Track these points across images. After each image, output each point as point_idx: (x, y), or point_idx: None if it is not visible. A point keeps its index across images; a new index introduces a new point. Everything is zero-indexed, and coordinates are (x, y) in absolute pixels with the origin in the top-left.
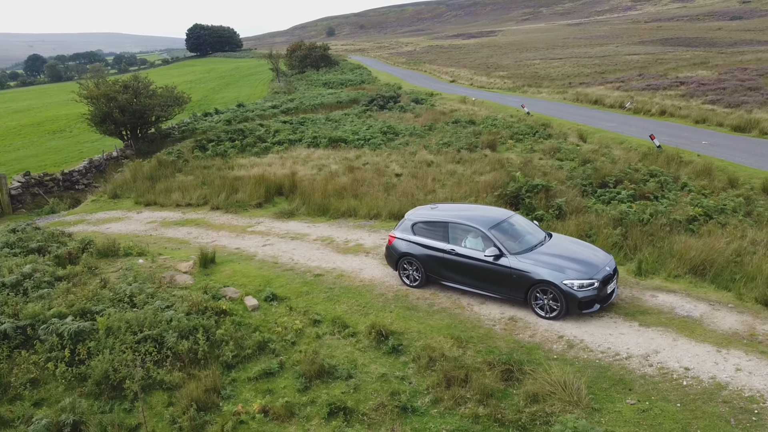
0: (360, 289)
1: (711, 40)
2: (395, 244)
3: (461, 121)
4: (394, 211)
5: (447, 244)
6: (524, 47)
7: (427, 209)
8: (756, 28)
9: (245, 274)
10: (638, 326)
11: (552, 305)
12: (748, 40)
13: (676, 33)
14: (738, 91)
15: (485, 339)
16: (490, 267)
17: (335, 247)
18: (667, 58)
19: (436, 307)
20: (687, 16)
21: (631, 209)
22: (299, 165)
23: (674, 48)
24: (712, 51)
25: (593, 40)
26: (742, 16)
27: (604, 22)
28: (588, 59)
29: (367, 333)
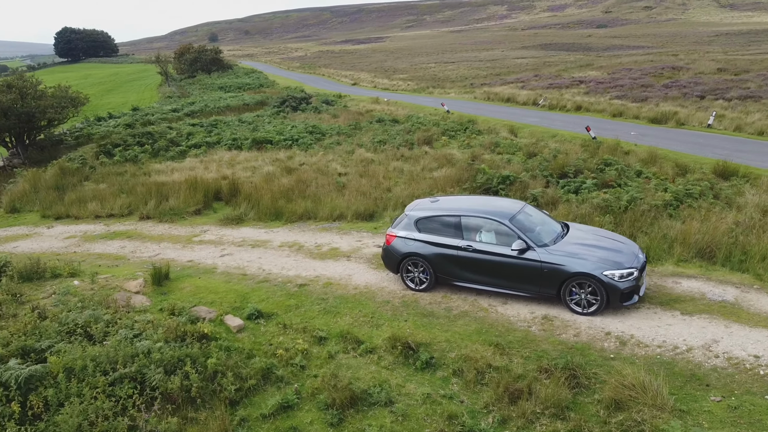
0: (358, 297)
1: (586, 45)
2: (396, 244)
3: (385, 120)
4: (360, 211)
5: (461, 240)
6: (415, 52)
7: (427, 203)
8: (620, 35)
9: (212, 290)
10: (681, 315)
11: (590, 299)
12: (618, 45)
13: (552, 39)
14: (634, 88)
15: (526, 343)
16: (517, 262)
17: (308, 253)
18: (553, 61)
19: (455, 311)
20: (559, 24)
21: (611, 197)
22: (226, 168)
23: (556, 52)
24: (590, 54)
25: (479, 46)
26: (606, 25)
27: (484, 29)
28: (480, 62)
29: (389, 347)
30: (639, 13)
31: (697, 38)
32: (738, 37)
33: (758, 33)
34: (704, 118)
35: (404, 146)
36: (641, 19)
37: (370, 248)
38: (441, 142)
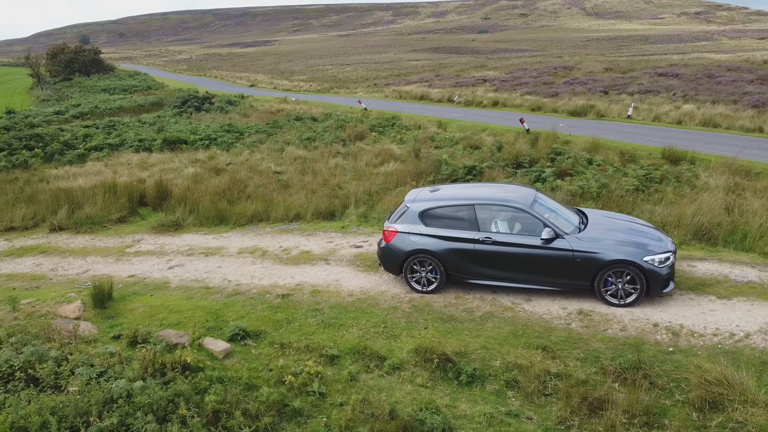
0: (358, 305)
1: (473, 49)
2: (397, 241)
3: (304, 118)
4: (319, 210)
5: (477, 232)
6: (307, 55)
7: (427, 193)
8: (502, 39)
9: (173, 309)
10: (718, 299)
11: (628, 289)
12: (502, 48)
13: (440, 43)
14: (538, 85)
15: (573, 343)
16: (545, 253)
17: (276, 259)
18: (447, 63)
19: (477, 313)
20: (443, 29)
21: (586, 183)
22: (139, 171)
23: (447, 55)
24: (480, 57)
25: (370, 49)
26: (487, 30)
27: (372, 33)
28: (376, 64)
29: (419, 361)
30: (516, 19)
31: (573, 42)
32: (608, 42)
33: (624, 38)
34: (620, 110)
35: (337, 143)
36: (518, 25)
37: (346, 249)
38: (372, 138)
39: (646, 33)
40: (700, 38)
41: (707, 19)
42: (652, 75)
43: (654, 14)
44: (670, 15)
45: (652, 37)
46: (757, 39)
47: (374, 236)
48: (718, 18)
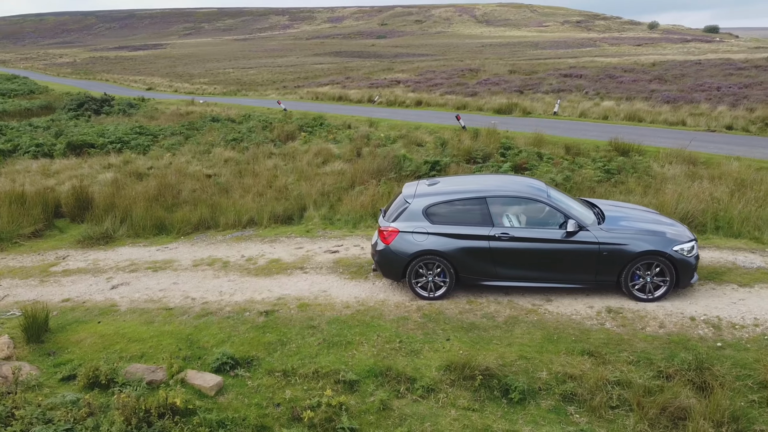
0: (359, 318)
1: (375, 53)
2: (399, 242)
3: (221, 120)
4: (277, 213)
5: (491, 227)
6: (204, 58)
7: (424, 186)
8: (401, 44)
9: (132, 337)
10: (739, 287)
11: (657, 282)
12: (404, 53)
13: (341, 48)
14: (452, 85)
15: (616, 345)
16: (569, 248)
17: (242, 270)
18: (353, 66)
19: (499, 318)
20: (341, 34)
21: (554, 175)
22: (43, 179)
23: (350, 59)
24: (385, 60)
25: (270, 53)
26: (385, 36)
27: (270, 38)
28: (279, 68)
29: (455, 379)
30: (412, 26)
31: (469, 48)
32: (502, 47)
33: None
34: (544, 107)
35: (267, 143)
36: (415, 32)
37: (321, 255)
38: (302, 138)
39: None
40: (585, 44)
41: (587, 28)
42: (557, 76)
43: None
44: (555, 23)
45: (541, 43)
46: (634, 45)
47: (347, 239)
48: (597, 27)
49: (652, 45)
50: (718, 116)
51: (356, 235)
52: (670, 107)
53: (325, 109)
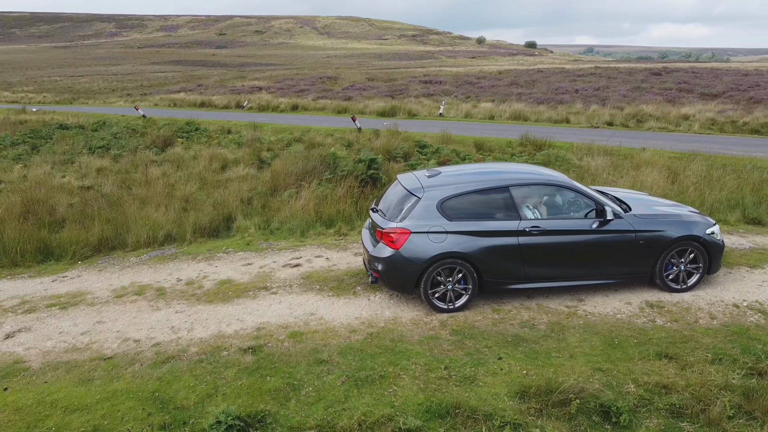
0: (377, 343)
1: (220, 62)
2: (412, 245)
3: (71, 127)
4: (202, 226)
5: (518, 221)
6: (21, 66)
7: (425, 177)
8: (244, 54)
9: (70, 405)
10: (752, 269)
11: (690, 269)
12: (250, 62)
13: (179, 57)
14: (319, 91)
15: (682, 342)
16: (605, 239)
17: (189, 297)
18: (199, 74)
19: (540, 326)
20: (177, 44)
21: None
22: None
23: (194, 67)
24: (233, 69)
25: (100, 61)
26: (226, 45)
27: (96, 45)
28: (115, 76)
29: (540, 408)
30: (252, 36)
31: (316, 58)
32: (348, 59)
33: (359, 55)
34: (426, 110)
35: (143, 150)
36: (256, 42)
37: (282, 271)
38: (180, 143)
39: (377, 51)
40: (425, 56)
41: (423, 41)
42: (417, 82)
43: (378, 35)
44: (392, 37)
45: (384, 54)
46: (469, 58)
47: (303, 251)
48: (431, 40)
49: (484, 57)
50: (594, 114)
51: (310, 245)
52: (546, 107)
53: (191, 115)
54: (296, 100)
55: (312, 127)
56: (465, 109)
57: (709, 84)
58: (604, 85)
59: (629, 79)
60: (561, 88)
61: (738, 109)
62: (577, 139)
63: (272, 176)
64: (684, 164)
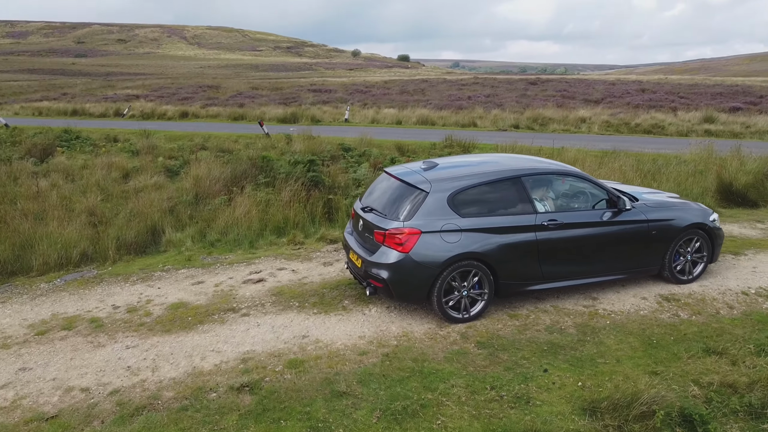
0: (399, 365)
1: (82, 71)
2: (424, 246)
3: None
4: (128, 242)
5: (534, 214)
6: None
7: (424, 170)
8: (108, 64)
9: None
10: (736, 257)
11: (695, 258)
12: (116, 72)
13: (33, 65)
14: (204, 99)
15: (716, 336)
16: (620, 230)
17: (136, 327)
18: (60, 83)
19: (569, 330)
20: (28, 51)
21: None
22: None
23: (53, 76)
24: (98, 79)
25: None
26: (86, 54)
27: None
28: None
29: (619, 425)
30: (115, 45)
31: (188, 68)
32: (224, 69)
33: (236, 66)
34: (329, 116)
35: (20, 160)
36: (120, 51)
37: (245, 288)
38: (60, 152)
39: (253, 62)
40: (303, 68)
41: (299, 53)
42: (306, 91)
43: (252, 47)
44: (267, 48)
45: (261, 65)
46: (348, 69)
47: (260, 262)
48: (307, 52)
49: (362, 69)
50: (497, 118)
51: (266, 257)
52: (449, 112)
53: (64, 124)
54: (184, 108)
55: (212, 133)
56: (370, 115)
57: (585, 92)
58: (493, 93)
59: (511, 88)
60: (454, 95)
61: (625, 112)
62: (493, 141)
63: (195, 183)
64: (611, 161)
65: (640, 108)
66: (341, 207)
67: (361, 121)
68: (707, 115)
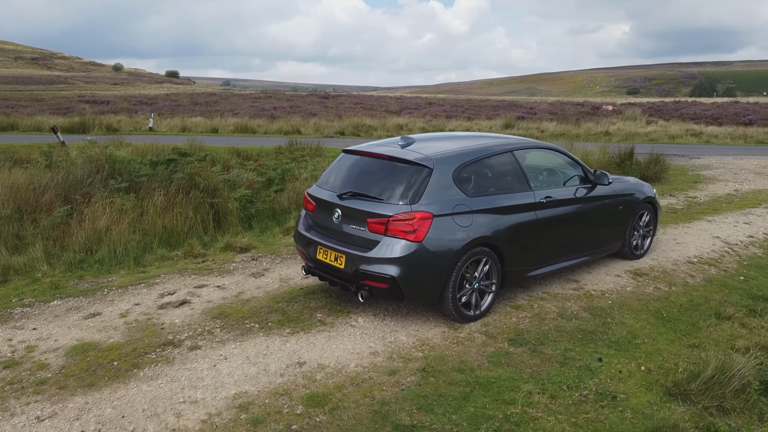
0: (449, 381)
1: None
2: (437, 233)
3: None
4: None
5: (531, 191)
6: None
7: (397, 146)
8: None
9: None
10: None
11: (645, 233)
12: None
13: None
14: None
15: (706, 304)
16: (598, 206)
17: (41, 388)
18: None
19: (582, 314)
20: None
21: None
22: None
23: None
24: None
25: None
26: None
27: None
28: None
29: (718, 407)
30: None
31: None
32: None
33: None
34: (127, 125)
35: None
36: None
37: (170, 314)
38: None
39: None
40: (56, 81)
41: (48, 66)
42: (77, 102)
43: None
44: (7, 59)
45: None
46: (111, 84)
47: (165, 282)
48: (58, 65)
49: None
50: (319, 126)
51: (166, 275)
52: (265, 120)
53: None
54: None
55: None
56: (177, 124)
57: (382, 104)
58: (295, 104)
59: (308, 101)
60: (257, 106)
61: (436, 120)
62: (339, 146)
63: (12, 194)
64: None
65: (439, 116)
66: (232, 211)
67: (169, 130)
68: (507, 122)
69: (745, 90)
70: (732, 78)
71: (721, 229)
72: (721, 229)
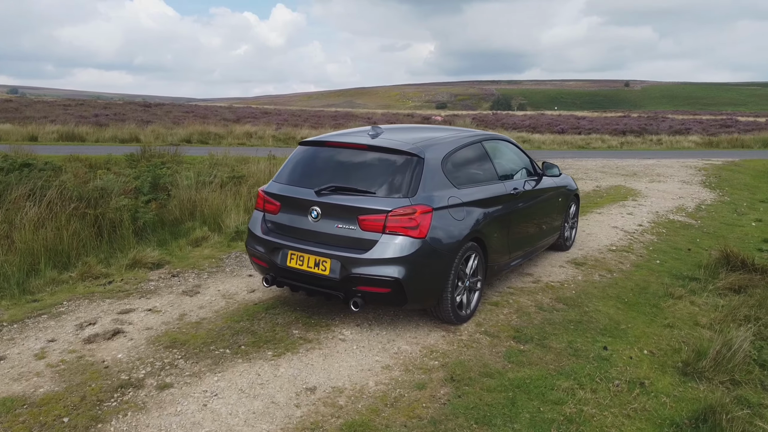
0: (486, 387)
1: None
2: (437, 227)
3: None
4: None
5: (502, 182)
6: None
7: (367, 136)
8: None
9: None
10: None
11: (572, 224)
12: None
13: None
14: None
15: (650, 286)
16: (545, 198)
17: None
18: None
19: (559, 305)
20: None
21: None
22: None
23: None
24: None
25: None
26: None
27: None
28: None
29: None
30: None
31: None
32: None
33: None
34: None
35: None
36: None
37: (106, 346)
38: None
39: None
40: None
41: None
42: None
43: None
44: None
45: None
46: None
47: (74, 311)
48: None
49: None
50: (160, 134)
51: (70, 301)
52: (93, 127)
53: None
54: None
55: None
56: None
57: (216, 113)
58: (116, 112)
59: (129, 108)
60: (74, 113)
61: (288, 127)
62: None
63: None
64: None
65: (283, 125)
66: (123, 222)
67: None
68: None
69: (534, 106)
70: (522, 95)
71: (613, 220)
72: (614, 220)
